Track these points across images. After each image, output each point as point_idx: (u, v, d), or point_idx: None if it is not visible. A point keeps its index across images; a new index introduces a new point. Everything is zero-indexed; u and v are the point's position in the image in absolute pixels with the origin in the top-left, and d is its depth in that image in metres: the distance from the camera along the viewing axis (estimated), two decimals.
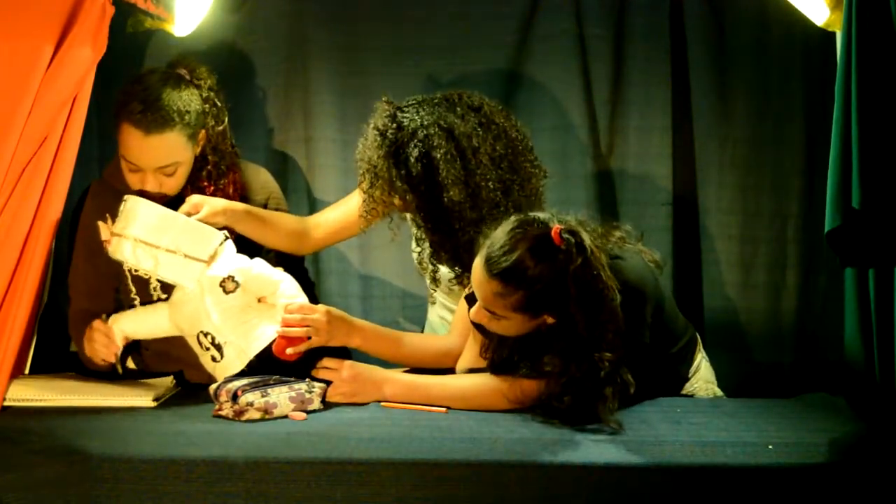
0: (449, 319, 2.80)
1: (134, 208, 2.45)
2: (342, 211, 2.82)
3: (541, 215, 2.32)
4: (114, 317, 2.56)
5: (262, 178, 2.83)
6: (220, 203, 2.58)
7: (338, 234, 2.85)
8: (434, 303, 2.89)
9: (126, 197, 2.48)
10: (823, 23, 2.62)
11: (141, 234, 2.42)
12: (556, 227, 2.26)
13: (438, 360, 2.64)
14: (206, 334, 2.49)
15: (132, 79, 2.59)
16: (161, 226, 2.44)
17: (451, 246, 2.55)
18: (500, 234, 2.29)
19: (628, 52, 3.14)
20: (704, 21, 3.11)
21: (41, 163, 2.37)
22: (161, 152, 2.55)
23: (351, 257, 3.21)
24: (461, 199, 2.48)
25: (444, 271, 2.67)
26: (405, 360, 2.64)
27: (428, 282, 2.76)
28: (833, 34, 2.61)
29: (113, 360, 2.53)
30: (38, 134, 2.36)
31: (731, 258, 3.17)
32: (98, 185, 2.74)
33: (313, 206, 3.19)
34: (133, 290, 2.51)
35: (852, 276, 2.42)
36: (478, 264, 2.31)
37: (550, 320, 2.32)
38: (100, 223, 2.48)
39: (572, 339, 2.29)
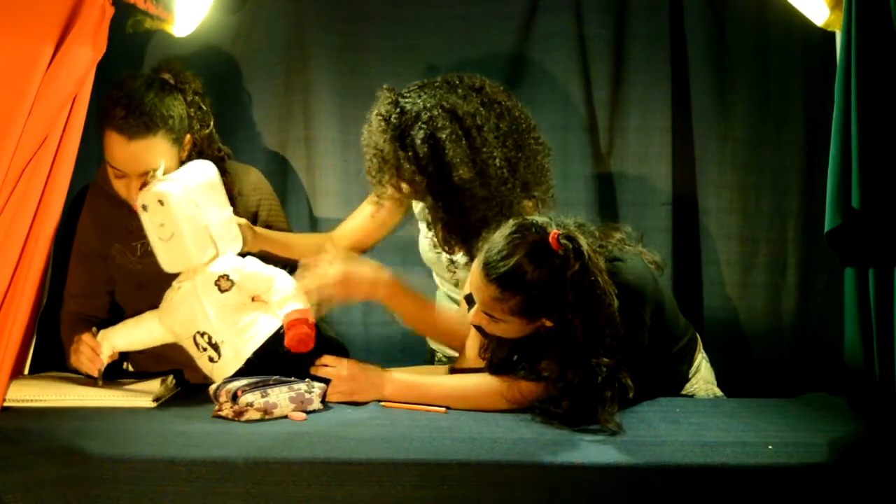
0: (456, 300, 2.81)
1: (200, 164, 2.52)
2: (359, 221, 2.86)
3: (539, 219, 2.33)
4: (104, 332, 2.56)
5: (253, 180, 2.81)
6: (249, 229, 2.62)
7: (359, 245, 2.87)
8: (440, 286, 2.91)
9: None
10: (823, 23, 2.63)
11: (194, 193, 2.45)
12: (553, 231, 2.27)
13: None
14: (202, 334, 2.48)
15: (114, 83, 2.57)
16: (212, 198, 2.49)
17: (463, 226, 2.57)
18: (498, 239, 2.30)
19: (628, 52, 3.13)
20: (704, 21, 3.11)
21: (41, 163, 2.37)
22: (144, 158, 2.53)
23: None
24: (470, 178, 2.50)
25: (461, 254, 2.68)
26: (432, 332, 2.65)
27: (445, 265, 2.77)
28: (833, 34, 2.61)
29: (96, 374, 2.53)
30: (38, 134, 2.35)
31: (731, 258, 3.16)
32: (92, 187, 2.75)
33: (313, 207, 3.19)
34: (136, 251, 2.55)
35: (852, 276, 2.42)
36: (476, 268, 2.31)
37: (549, 324, 2.32)
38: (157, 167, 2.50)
39: (570, 344, 2.29)
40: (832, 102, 2.32)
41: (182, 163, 2.63)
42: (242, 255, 2.56)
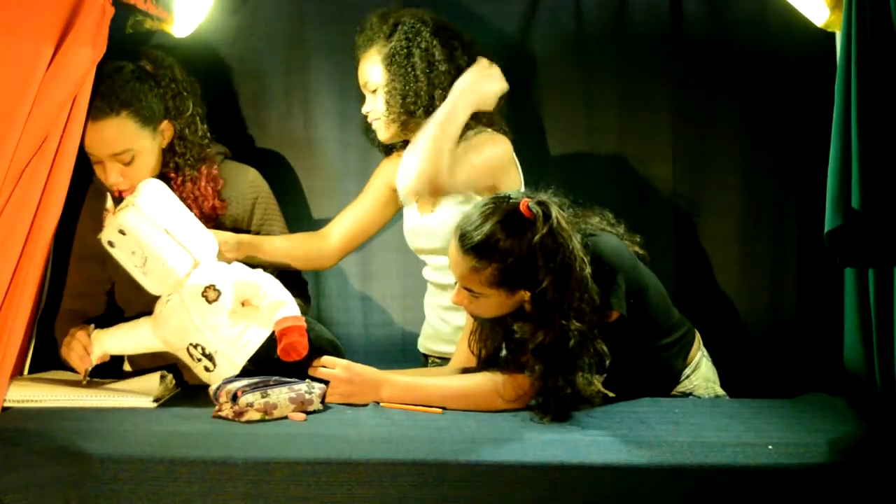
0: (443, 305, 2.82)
1: (146, 184, 2.50)
2: (352, 216, 2.89)
3: (513, 193, 2.39)
4: (98, 332, 2.56)
5: (250, 177, 2.82)
6: (232, 238, 2.65)
7: (355, 240, 2.92)
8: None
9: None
10: (823, 23, 2.63)
11: (149, 210, 2.44)
12: (524, 200, 2.32)
13: None
14: (195, 346, 2.47)
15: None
16: (170, 210, 2.48)
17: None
18: (473, 212, 2.36)
19: (628, 52, 3.14)
20: (704, 21, 3.11)
21: (41, 163, 2.37)
22: (108, 139, 2.56)
23: (350, 258, 3.20)
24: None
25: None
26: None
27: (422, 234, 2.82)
28: (833, 34, 2.62)
29: (82, 373, 2.54)
30: (38, 134, 2.36)
31: (731, 258, 3.17)
32: (92, 188, 2.76)
33: (312, 207, 3.19)
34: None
35: (852, 276, 2.42)
36: (452, 242, 2.36)
37: (527, 296, 2.34)
38: (108, 193, 2.50)
39: (542, 307, 2.33)
40: (832, 102, 2.32)
41: (165, 150, 2.67)
42: (227, 262, 2.57)
